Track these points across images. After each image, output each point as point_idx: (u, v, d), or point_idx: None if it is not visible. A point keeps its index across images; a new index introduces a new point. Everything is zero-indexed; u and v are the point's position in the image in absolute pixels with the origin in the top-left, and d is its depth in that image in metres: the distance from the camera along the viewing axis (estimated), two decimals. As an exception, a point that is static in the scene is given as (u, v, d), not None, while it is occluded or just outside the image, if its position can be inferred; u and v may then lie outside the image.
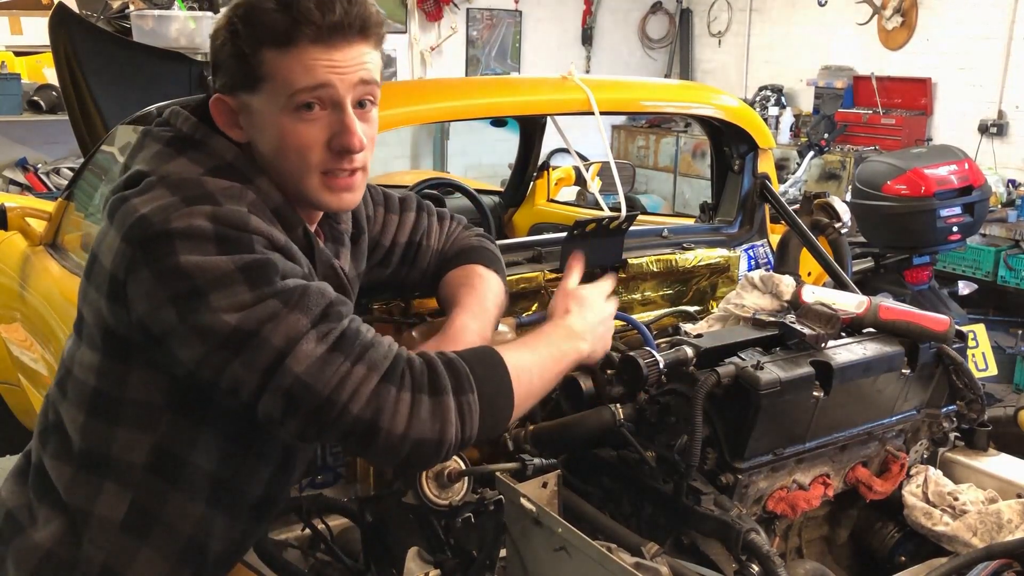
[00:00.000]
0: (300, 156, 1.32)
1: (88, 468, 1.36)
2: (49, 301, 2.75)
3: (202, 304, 1.19)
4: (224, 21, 1.32)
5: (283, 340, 1.20)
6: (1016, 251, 5.31)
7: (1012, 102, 6.50)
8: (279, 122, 1.31)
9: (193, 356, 1.22)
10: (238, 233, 1.23)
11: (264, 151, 1.35)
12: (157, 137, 1.37)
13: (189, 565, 1.41)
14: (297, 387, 1.20)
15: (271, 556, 1.62)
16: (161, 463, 1.35)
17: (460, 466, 1.40)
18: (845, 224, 2.54)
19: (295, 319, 1.21)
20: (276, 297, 1.21)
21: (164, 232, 1.21)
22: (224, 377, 1.22)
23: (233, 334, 1.19)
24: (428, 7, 8.02)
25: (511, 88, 2.67)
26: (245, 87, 1.31)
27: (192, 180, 1.28)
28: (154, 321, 1.23)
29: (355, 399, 1.21)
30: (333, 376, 1.21)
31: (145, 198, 1.26)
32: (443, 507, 1.41)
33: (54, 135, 6.05)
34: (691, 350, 1.63)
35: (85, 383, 1.36)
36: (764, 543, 1.47)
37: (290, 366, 1.19)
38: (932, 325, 1.77)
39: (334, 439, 1.26)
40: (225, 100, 1.34)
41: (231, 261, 1.21)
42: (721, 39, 8.88)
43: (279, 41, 1.27)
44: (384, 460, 1.27)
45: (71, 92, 3.73)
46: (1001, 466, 1.84)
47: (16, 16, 6.21)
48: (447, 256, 1.73)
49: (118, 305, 1.27)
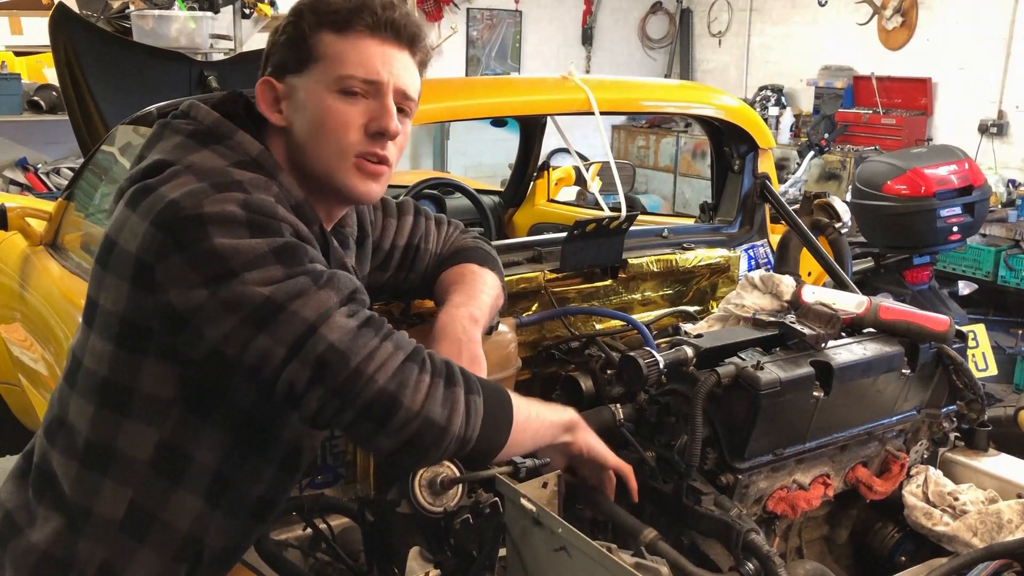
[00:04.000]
0: (338, 136, 1.37)
1: (91, 464, 1.36)
2: (49, 301, 2.75)
3: (235, 280, 1.22)
4: (291, 11, 1.40)
5: (314, 313, 1.24)
6: (1016, 251, 5.31)
7: (1012, 102, 6.50)
8: (322, 100, 1.36)
9: (221, 331, 1.24)
10: (268, 220, 1.27)
11: (301, 132, 1.38)
12: (178, 129, 1.39)
13: (185, 562, 1.41)
14: (330, 353, 1.23)
15: (272, 556, 1.62)
16: (165, 459, 1.35)
17: (453, 472, 1.40)
18: (845, 224, 2.54)
19: (326, 295, 1.26)
20: (307, 275, 1.26)
21: (196, 216, 1.23)
22: (250, 351, 1.24)
23: (264, 304, 1.22)
24: (428, 7, 8.02)
25: (511, 88, 2.67)
26: (295, 69, 1.38)
27: (219, 169, 1.32)
28: (183, 302, 1.24)
29: (382, 371, 1.25)
30: (364, 347, 1.25)
31: (172, 185, 1.28)
32: (437, 514, 1.41)
33: (54, 135, 6.05)
34: (691, 350, 1.63)
35: (96, 373, 1.36)
36: (764, 543, 1.47)
37: (324, 333, 1.23)
38: (932, 325, 1.77)
39: (351, 415, 1.26)
40: (272, 83, 1.40)
41: (264, 243, 1.24)
42: (721, 39, 8.89)
43: (338, 24, 1.35)
44: (390, 441, 1.27)
45: (71, 92, 3.72)
46: (1001, 466, 1.84)
47: (16, 16, 6.20)
48: (444, 258, 1.75)
49: (143, 290, 1.27)
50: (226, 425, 1.37)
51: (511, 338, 1.82)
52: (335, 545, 1.69)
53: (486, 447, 1.34)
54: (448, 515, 1.43)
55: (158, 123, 1.43)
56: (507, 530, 1.42)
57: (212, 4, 6.05)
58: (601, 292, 2.20)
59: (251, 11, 6.79)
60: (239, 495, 1.43)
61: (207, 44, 5.96)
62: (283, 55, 1.39)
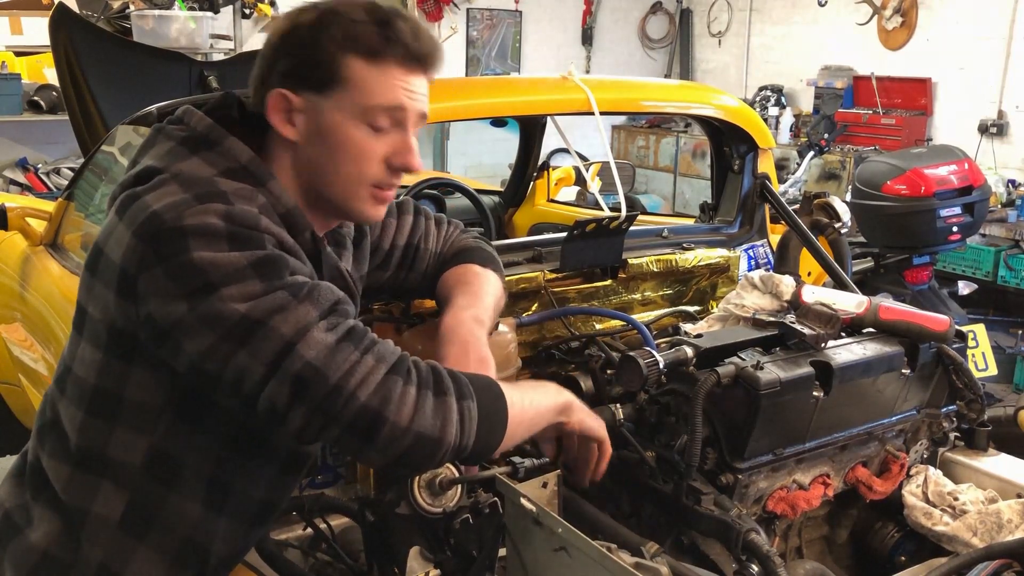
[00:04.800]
0: (358, 166, 1.36)
1: (85, 467, 1.36)
2: (49, 301, 2.75)
3: (213, 295, 1.20)
4: (311, 19, 1.33)
5: (292, 329, 1.21)
6: (1016, 251, 5.31)
7: (1012, 102, 6.50)
8: (346, 129, 1.34)
9: (199, 347, 1.22)
10: (249, 232, 1.25)
11: (318, 154, 1.36)
12: (170, 135, 1.38)
13: (189, 567, 1.41)
14: (308, 371, 1.21)
15: (272, 556, 1.62)
16: (157, 465, 1.35)
17: (452, 473, 1.40)
18: (845, 224, 2.54)
19: (305, 310, 1.23)
20: (286, 289, 1.24)
21: (177, 229, 1.22)
22: (229, 368, 1.22)
23: (241, 321, 1.20)
24: (428, 7, 8.01)
25: (511, 88, 2.67)
26: (315, 87, 1.33)
27: (204, 179, 1.30)
28: (163, 315, 1.23)
29: (363, 387, 1.22)
30: (343, 363, 1.22)
31: (156, 194, 1.27)
32: (437, 515, 1.41)
33: (54, 135, 6.05)
34: (691, 350, 1.63)
35: (85, 380, 1.36)
36: (764, 543, 1.47)
37: (301, 351, 1.21)
38: (932, 325, 1.77)
39: (336, 432, 1.24)
40: (288, 96, 1.34)
41: (243, 257, 1.22)
42: (721, 39, 8.89)
43: (368, 53, 1.32)
44: (381, 456, 1.25)
45: (71, 92, 3.72)
46: (1001, 466, 1.85)
47: (16, 16, 6.20)
48: (445, 258, 1.74)
49: (127, 300, 1.27)
50: (218, 432, 1.36)
51: (511, 338, 1.82)
52: (335, 545, 1.69)
53: (483, 448, 1.33)
54: (447, 516, 1.43)
55: (153, 128, 1.42)
56: (507, 530, 1.42)
57: (212, 4, 6.06)
58: (601, 292, 2.20)
59: (251, 11, 6.80)
60: (240, 500, 1.43)
61: (207, 44, 5.96)
62: (299, 67, 1.34)
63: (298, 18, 1.35)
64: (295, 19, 1.36)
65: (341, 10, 1.34)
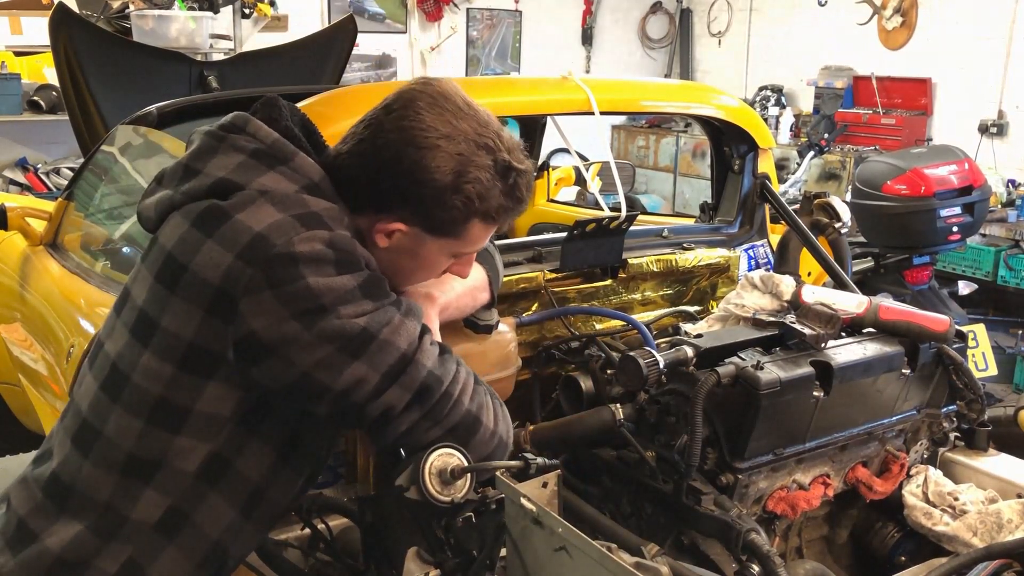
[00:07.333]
0: (426, 276, 1.51)
1: (133, 475, 1.34)
2: (49, 301, 2.75)
3: (330, 314, 1.28)
4: (448, 175, 1.34)
5: (406, 342, 1.33)
6: (1016, 251, 5.31)
7: (1012, 102, 6.50)
8: (438, 261, 1.47)
9: (314, 358, 1.28)
10: (350, 256, 1.32)
11: (400, 262, 1.45)
12: (238, 146, 1.37)
13: (210, 567, 1.41)
14: (430, 379, 1.34)
15: (271, 556, 1.62)
16: (211, 468, 1.36)
17: (463, 463, 1.40)
18: (845, 224, 2.54)
19: (412, 324, 1.35)
20: (392, 305, 1.35)
21: (288, 255, 1.27)
22: (344, 377, 1.29)
23: (360, 335, 1.29)
24: (428, 7, 8.01)
25: (511, 88, 2.67)
26: (427, 228, 1.40)
27: (294, 198, 1.33)
28: (271, 334, 1.27)
29: (465, 393, 1.38)
30: (450, 372, 1.38)
31: (250, 213, 1.29)
32: (445, 503, 1.40)
33: (54, 135, 6.05)
34: (691, 350, 1.63)
35: (148, 391, 1.33)
36: (764, 543, 1.47)
37: (421, 360, 1.34)
38: (932, 325, 1.77)
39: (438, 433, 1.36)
40: (403, 230, 1.39)
41: (352, 279, 1.30)
42: (721, 39, 8.88)
43: (489, 217, 1.41)
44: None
45: (71, 92, 3.72)
46: (1001, 466, 1.85)
47: (16, 16, 6.20)
48: None
49: (220, 319, 1.28)
50: (271, 439, 1.39)
51: (511, 338, 1.81)
52: (334, 545, 1.68)
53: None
54: (454, 508, 1.42)
55: (208, 134, 1.40)
56: (507, 530, 1.42)
57: (212, 4, 6.06)
58: (601, 292, 2.20)
59: (251, 11, 6.80)
60: (269, 506, 1.44)
61: (207, 44, 5.97)
62: (426, 216, 1.38)
63: (434, 160, 1.34)
64: (431, 161, 1.34)
65: (475, 161, 1.35)
